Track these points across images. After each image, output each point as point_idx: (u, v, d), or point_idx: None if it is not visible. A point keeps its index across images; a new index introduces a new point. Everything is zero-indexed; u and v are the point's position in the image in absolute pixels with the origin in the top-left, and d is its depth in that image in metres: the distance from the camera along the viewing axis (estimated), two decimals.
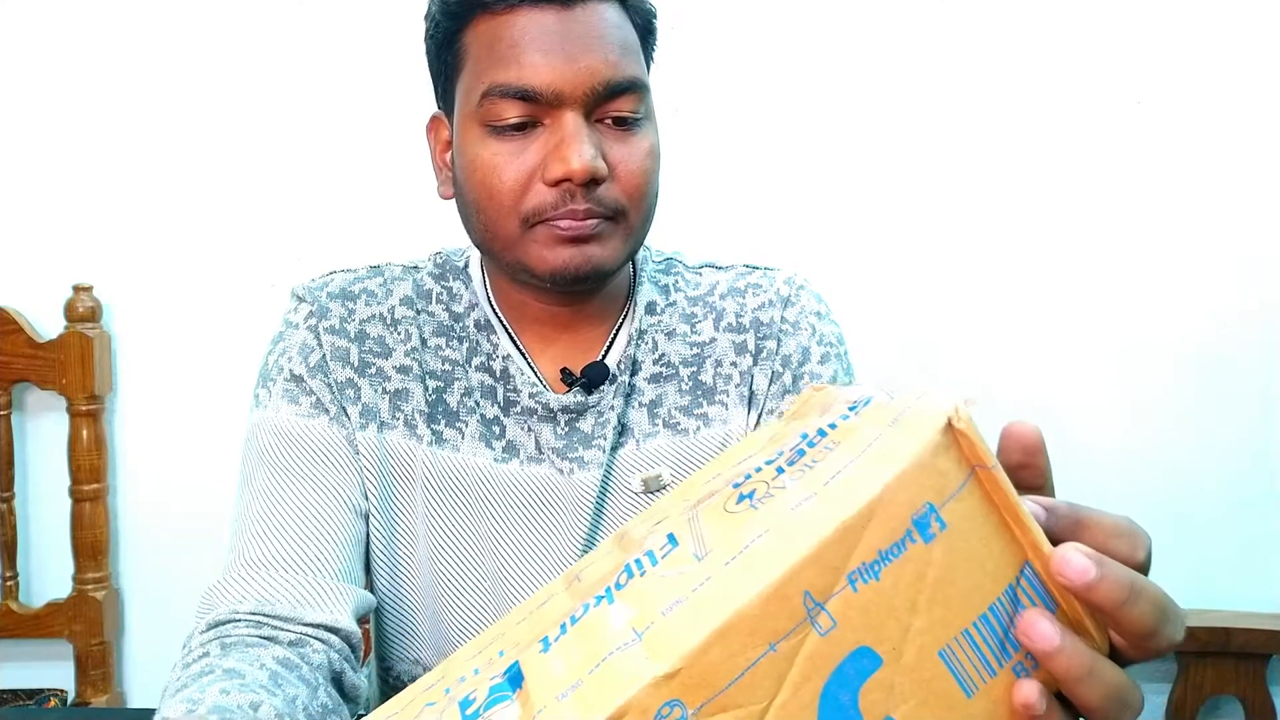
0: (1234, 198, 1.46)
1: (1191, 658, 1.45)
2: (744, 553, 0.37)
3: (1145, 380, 1.49)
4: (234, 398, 1.24)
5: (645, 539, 0.43)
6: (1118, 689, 0.39)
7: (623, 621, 0.37)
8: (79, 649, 1.41)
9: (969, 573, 0.38)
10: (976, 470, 0.38)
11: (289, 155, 1.41)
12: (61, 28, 1.38)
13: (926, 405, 0.39)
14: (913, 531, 0.37)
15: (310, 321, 0.81)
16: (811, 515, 0.37)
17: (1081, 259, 1.47)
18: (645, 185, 0.76)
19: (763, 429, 0.53)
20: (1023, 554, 0.39)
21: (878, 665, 0.37)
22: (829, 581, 0.36)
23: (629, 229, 0.76)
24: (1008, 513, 0.38)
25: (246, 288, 1.41)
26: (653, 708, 0.34)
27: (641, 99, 0.75)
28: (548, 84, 0.71)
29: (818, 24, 1.42)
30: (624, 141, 0.74)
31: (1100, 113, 1.44)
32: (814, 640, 0.36)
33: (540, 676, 0.38)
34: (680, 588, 0.37)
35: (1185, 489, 1.51)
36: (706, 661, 0.34)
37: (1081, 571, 0.37)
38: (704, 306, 0.87)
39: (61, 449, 1.39)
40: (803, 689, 0.36)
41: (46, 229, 1.40)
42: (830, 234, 1.45)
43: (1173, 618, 0.40)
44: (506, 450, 0.81)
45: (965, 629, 0.38)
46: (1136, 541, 0.41)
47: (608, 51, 0.73)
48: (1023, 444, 0.40)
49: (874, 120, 1.44)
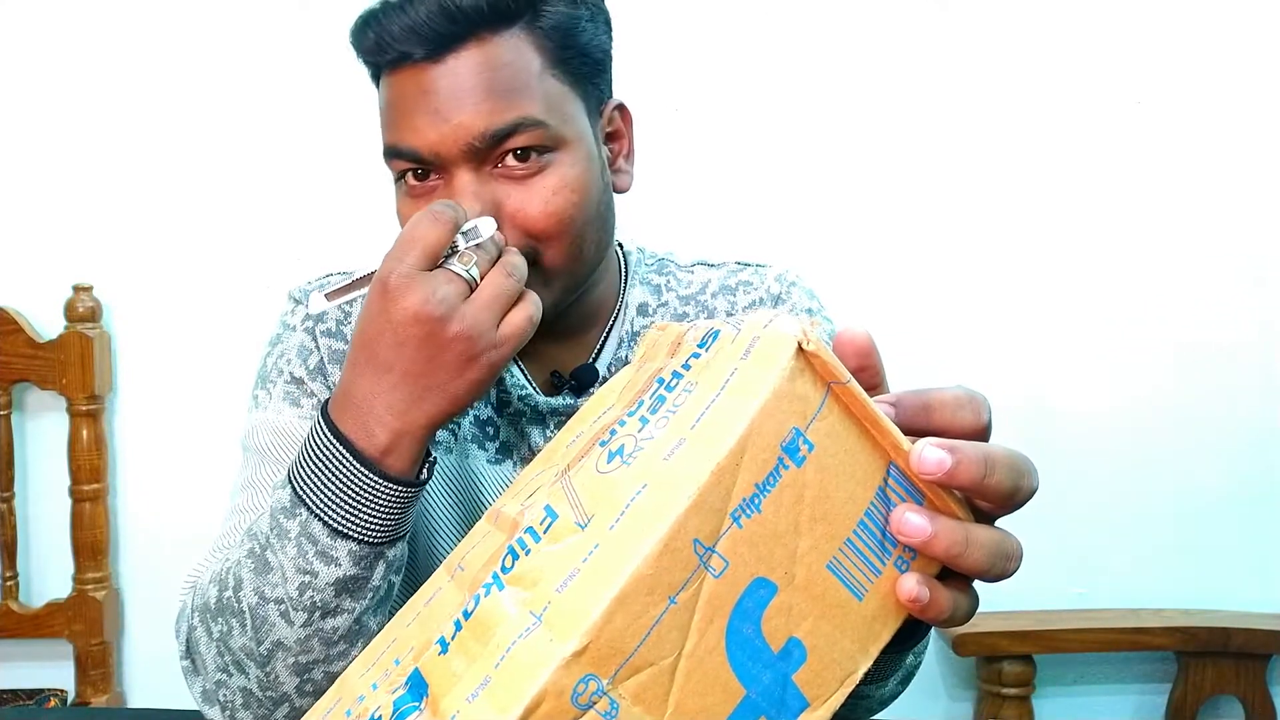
0: (1234, 197, 1.46)
1: (1191, 658, 1.45)
2: (626, 512, 0.37)
3: (1145, 379, 1.49)
4: (233, 398, 1.24)
5: (522, 515, 0.43)
6: (995, 547, 0.42)
7: (518, 606, 0.37)
8: (79, 649, 1.41)
9: (841, 485, 0.39)
10: (832, 387, 0.39)
11: (288, 156, 1.41)
12: (62, 28, 1.38)
13: (774, 332, 0.39)
14: (784, 458, 0.38)
15: (307, 324, 0.81)
16: (685, 462, 0.37)
17: (1081, 258, 1.47)
18: (554, 223, 0.70)
19: (615, 378, 0.53)
20: (886, 456, 0.40)
21: (774, 592, 0.38)
22: (715, 524, 0.36)
23: (550, 272, 0.72)
24: (866, 420, 0.40)
25: (246, 288, 1.41)
26: (568, 688, 0.34)
27: (541, 132, 0.70)
28: (428, 146, 0.69)
29: (818, 24, 1.42)
30: (523, 185, 0.70)
31: (1100, 113, 1.44)
32: (710, 584, 0.36)
33: (444, 680, 0.37)
34: (570, 560, 0.37)
35: (1185, 489, 1.51)
36: (612, 630, 0.34)
37: (938, 464, 0.39)
38: (695, 305, 0.87)
39: (61, 449, 1.39)
40: (708, 632, 0.36)
41: (46, 229, 1.40)
42: (829, 231, 1.45)
43: (1026, 471, 0.43)
44: (500, 451, 0.81)
45: (847, 538, 0.40)
46: (978, 406, 0.43)
47: (480, 100, 0.68)
48: (856, 348, 0.42)
49: (873, 119, 1.44)
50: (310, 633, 0.63)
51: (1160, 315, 1.48)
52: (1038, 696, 1.46)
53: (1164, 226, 1.47)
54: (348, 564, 0.62)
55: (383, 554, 0.63)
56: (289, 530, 0.62)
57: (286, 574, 0.62)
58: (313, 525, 0.62)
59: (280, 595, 0.62)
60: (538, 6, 0.71)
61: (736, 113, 1.43)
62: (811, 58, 1.42)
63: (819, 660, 0.39)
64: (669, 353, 0.46)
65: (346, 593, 0.63)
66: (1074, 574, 1.50)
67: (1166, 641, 1.44)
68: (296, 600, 0.62)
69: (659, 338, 0.50)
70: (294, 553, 0.62)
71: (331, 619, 0.63)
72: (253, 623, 0.63)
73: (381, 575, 0.64)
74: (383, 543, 0.63)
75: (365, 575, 0.63)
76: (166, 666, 0.74)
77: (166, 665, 0.74)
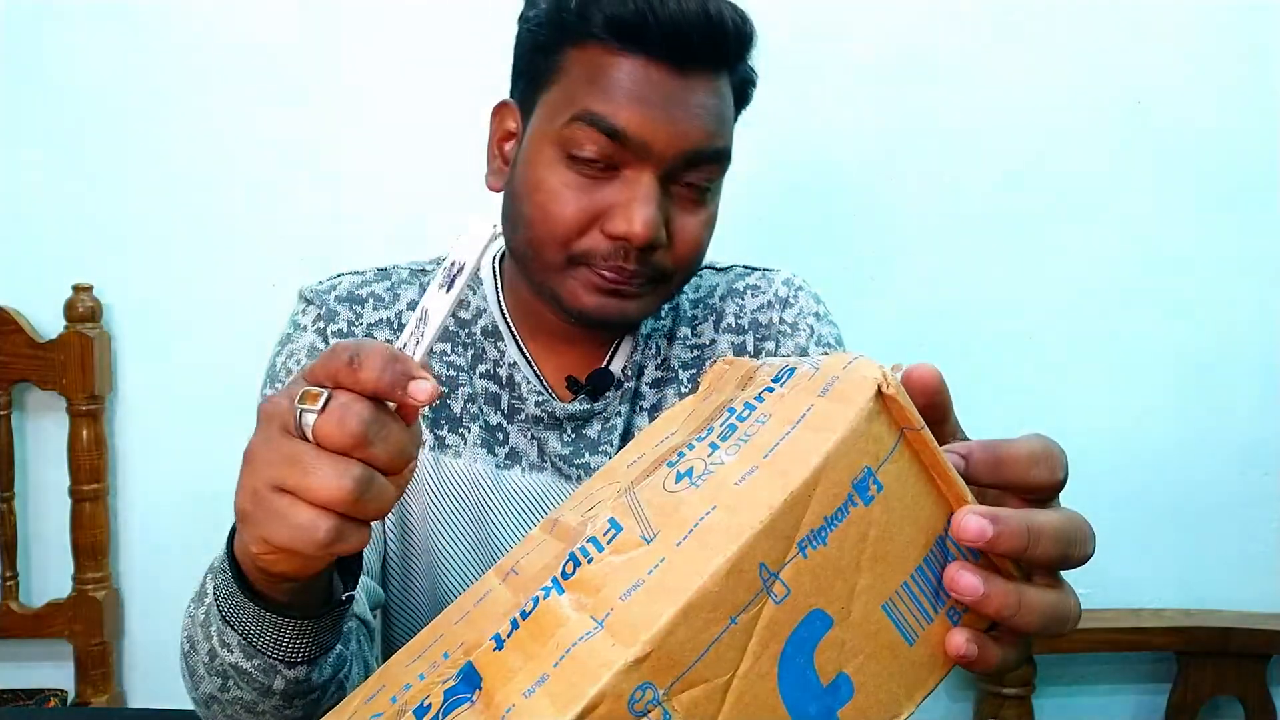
0: (1233, 197, 1.46)
1: (1191, 658, 1.45)
2: (695, 531, 0.37)
3: (1144, 380, 1.49)
4: (234, 398, 1.24)
5: (583, 526, 0.44)
6: (1050, 610, 0.42)
7: (578, 611, 0.38)
8: (79, 649, 1.40)
9: (904, 528, 0.40)
10: (905, 432, 0.40)
11: (290, 155, 1.41)
12: (62, 27, 1.38)
13: (855, 374, 0.40)
14: (854, 495, 0.39)
15: (318, 325, 0.81)
16: (758, 488, 0.38)
17: (1080, 259, 1.47)
18: (696, 254, 0.77)
19: (676, 407, 0.54)
20: (949, 507, 0.41)
21: (829, 626, 0.38)
22: (782, 551, 0.37)
23: (668, 291, 0.78)
24: (934, 469, 0.40)
25: (247, 288, 1.41)
26: (626, 693, 0.34)
27: (721, 169, 0.75)
28: (638, 131, 0.70)
29: (818, 24, 1.42)
30: (690, 211, 0.74)
31: (1100, 113, 1.44)
32: (770, 609, 0.37)
33: (499, 674, 0.38)
34: (634, 571, 0.37)
35: (1185, 489, 1.51)
36: (673, 641, 0.35)
37: (979, 533, 0.39)
38: (704, 308, 0.88)
39: (61, 449, 1.39)
40: (762, 657, 0.37)
41: (46, 229, 1.40)
42: (829, 233, 1.45)
43: (1077, 540, 0.42)
44: (509, 457, 0.81)
45: (904, 582, 0.40)
46: (1054, 463, 0.43)
47: (705, 122, 0.72)
48: (924, 386, 0.42)
49: (872, 120, 1.44)
50: (229, 699, 0.59)
51: (1160, 316, 1.48)
52: (1038, 696, 1.46)
53: (1163, 226, 1.47)
54: (240, 656, 0.56)
55: (276, 669, 0.57)
56: (205, 592, 0.58)
57: (200, 635, 0.58)
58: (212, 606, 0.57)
59: (202, 651, 0.58)
60: (743, 58, 0.77)
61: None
62: (811, 59, 1.42)
63: (865, 698, 0.39)
64: (739, 385, 0.48)
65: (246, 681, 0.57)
66: (1074, 574, 1.48)
67: (1166, 642, 1.44)
68: (209, 665, 0.58)
69: (726, 371, 0.51)
70: (202, 618, 0.58)
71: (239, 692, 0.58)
72: (188, 666, 0.61)
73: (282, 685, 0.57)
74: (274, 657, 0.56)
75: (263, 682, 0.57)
76: (166, 666, 0.74)
77: (166, 665, 0.74)
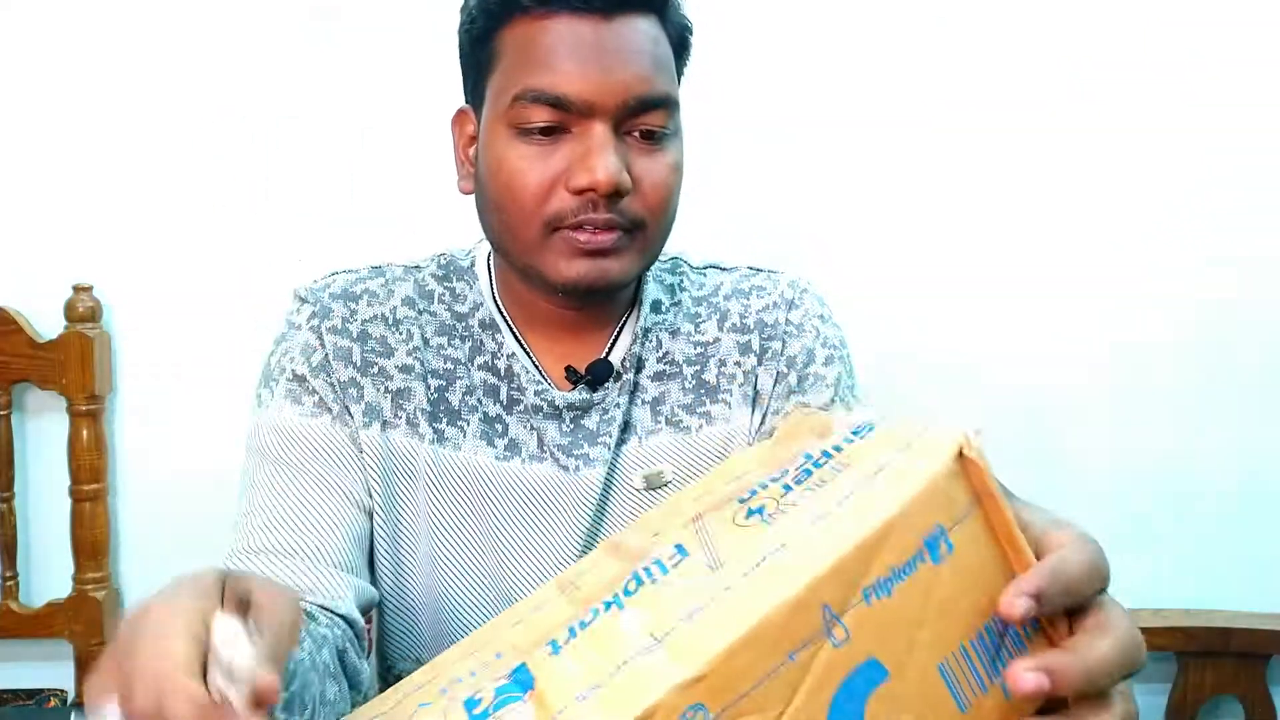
0: (1233, 197, 1.46)
1: (1191, 658, 1.45)
2: (762, 565, 0.38)
3: (1144, 380, 1.49)
4: (234, 398, 1.24)
5: (648, 548, 0.44)
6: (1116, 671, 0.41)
7: (638, 627, 0.38)
8: (79, 649, 1.40)
9: (969, 592, 0.40)
10: (982, 497, 0.40)
11: (290, 155, 1.41)
12: (62, 27, 1.38)
13: (937, 434, 0.41)
14: (924, 552, 0.39)
15: (313, 322, 0.81)
16: (829, 532, 0.38)
17: (1080, 258, 1.47)
18: (666, 200, 0.76)
19: (751, 450, 0.55)
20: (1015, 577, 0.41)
21: (884, 677, 0.38)
22: (846, 595, 0.37)
23: (646, 243, 0.77)
24: (1006, 539, 0.41)
25: (247, 288, 1.41)
26: (679, 709, 0.34)
27: (671, 115, 0.76)
28: (579, 93, 0.71)
29: (818, 24, 1.42)
30: (649, 156, 0.75)
31: (1100, 112, 1.45)
32: (828, 651, 0.37)
33: (552, 677, 0.38)
34: (698, 596, 0.38)
35: (1185, 489, 1.51)
36: (731, 667, 0.35)
37: (1037, 688, 0.39)
38: (708, 307, 0.88)
39: (61, 449, 1.39)
40: (815, 697, 0.37)
41: (46, 229, 1.40)
42: (828, 234, 1.45)
43: (1133, 661, 0.42)
44: (508, 449, 0.82)
45: (962, 645, 0.40)
46: (1103, 574, 0.44)
47: (642, 66, 0.73)
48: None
49: (872, 121, 1.44)
50: None
51: (1160, 315, 1.48)
52: None
53: (1163, 226, 1.47)
54: None
55: None
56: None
57: None
58: None
59: None
60: (672, 4, 0.77)
61: (736, 113, 1.44)
62: (812, 59, 1.42)
63: None
64: (816, 434, 0.49)
65: None
66: None
67: (1166, 641, 1.44)
68: None
69: (802, 419, 0.52)
70: None
71: None
72: None
73: None
74: None
75: None
76: None
77: None
